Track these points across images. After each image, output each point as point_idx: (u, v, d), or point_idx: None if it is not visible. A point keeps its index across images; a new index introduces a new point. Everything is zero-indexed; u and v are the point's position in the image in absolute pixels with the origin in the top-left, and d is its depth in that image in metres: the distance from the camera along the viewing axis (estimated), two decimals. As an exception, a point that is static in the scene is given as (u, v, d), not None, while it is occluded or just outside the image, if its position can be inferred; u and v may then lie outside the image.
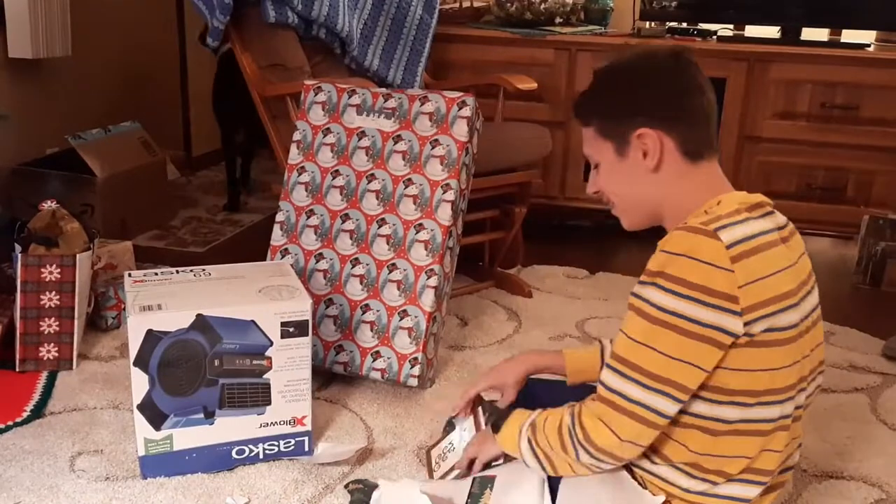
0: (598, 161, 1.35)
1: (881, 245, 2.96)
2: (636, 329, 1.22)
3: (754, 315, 1.18)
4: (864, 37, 3.27)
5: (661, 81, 1.29)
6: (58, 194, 2.55)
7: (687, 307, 1.17)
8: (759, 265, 1.20)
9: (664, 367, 1.19)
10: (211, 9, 2.67)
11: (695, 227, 1.20)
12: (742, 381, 1.22)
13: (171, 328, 1.59)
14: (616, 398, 1.22)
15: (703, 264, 1.17)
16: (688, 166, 1.29)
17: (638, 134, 1.28)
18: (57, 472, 1.69)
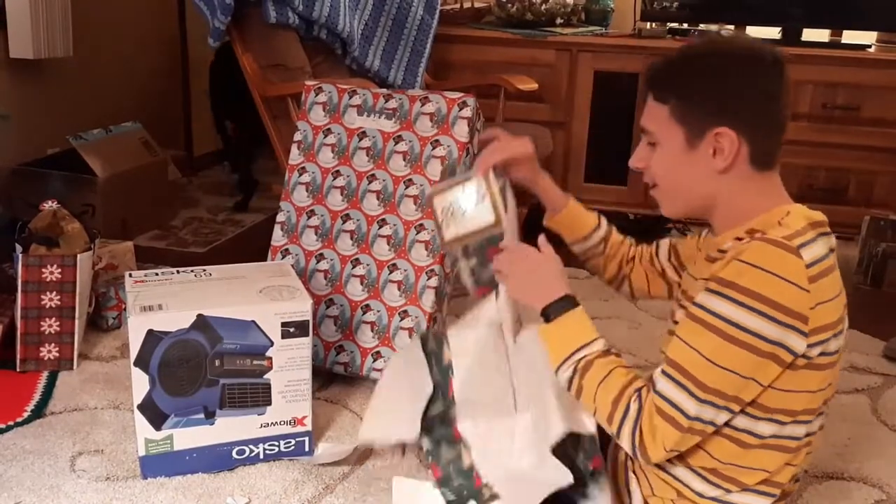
0: (659, 142, 1.27)
1: (882, 246, 2.96)
2: (703, 344, 1.17)
3: (816, 338, 1.17)
4: (864, 38, 3.27)
5: (758, 84, 1.22)
6: (59, 194, 2.55)
7: (758, 323, 1.14)
8: (825, 288, 1.18)
9: (729, 384, 1.17)
10: (212, 9, 2.67)
11: (778, 241, 1.16)
12: (782, 400, 1.22)
13: (171, 328, 1.59)
14: (676, 414, 1.17)
15: (782, 281, 1.14)
16: (752, 173, 1.24)
17: (717, 132, 1.21)
18: (57, 471, 1.69)
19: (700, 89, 1.23)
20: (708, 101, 1.22)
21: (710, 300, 1.17)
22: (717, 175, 1.24)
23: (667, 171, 1.28)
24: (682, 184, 1.28)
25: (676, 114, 1.24)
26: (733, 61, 1.23)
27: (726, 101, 1.22)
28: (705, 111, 1.22)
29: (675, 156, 1.26)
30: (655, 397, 1.19)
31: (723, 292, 1.16)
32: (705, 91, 1.23)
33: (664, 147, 1.27)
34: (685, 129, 1.24)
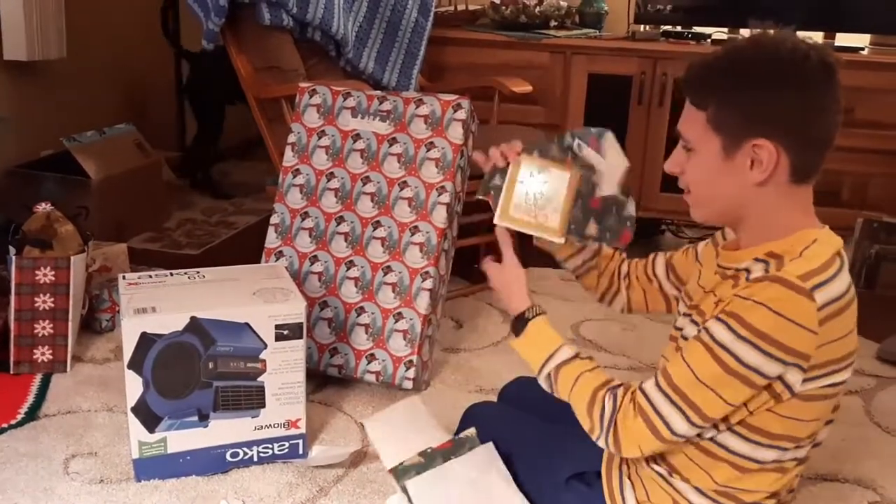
0: (695, 148, 1.22)
1: (875, 248, 2.97)
2: (704, 370, 1.17)
3: (814, 374, 1.17)
4: (858, 40, 3.28)
5: (804, 93, 1.15)
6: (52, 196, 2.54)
7: (760, 360, 1.14)
8: (836, 327, 1.17)
9: (720, 409, 1.18)
10: (206, 11, 2.66)
11: (792, 284, 1.12)
12: (788, 427, 1.22)
13: (165, 331, 1.58)
14: (661, 426, 1.19)
15: (791, 324, 1.12)
16: (790, 187, 1.19)
17: (756, 143, 1.15)
18: (51, 474, 1.68)
19: (740, 97, 1.17)
20: (747, 110, 1.16)
21: (720, 331, 1.16)
22: (753, 187, 1.19)
23: (701, 179, 1.24)
24: (716, 193, 1.23)
25: (714, 121, 1.18)
26: (777, 68, 1.15)
27: (767, 112, 1.15)
28: (744, 121, 1.16)
29: (710, 164, 1.21)
30: (641, 399, 1.21)
31: (732, 325, 1.15)
32: (745, 100, 1.16)
33: (700, 154, 1.22)
34: (722, 138, 1.18)
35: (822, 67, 1.15)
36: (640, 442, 1.21)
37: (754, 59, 1.18)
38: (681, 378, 1.19)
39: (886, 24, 3.20)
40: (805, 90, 1.15)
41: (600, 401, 1.24)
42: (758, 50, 1.19)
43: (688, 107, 1.22)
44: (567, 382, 1.29)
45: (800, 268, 1.14)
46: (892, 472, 1.82)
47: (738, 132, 1.17)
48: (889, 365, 2.34)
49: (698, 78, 1.21)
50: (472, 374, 2.18)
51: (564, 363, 1.30)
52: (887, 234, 2.97)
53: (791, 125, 1.16)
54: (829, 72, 1.15)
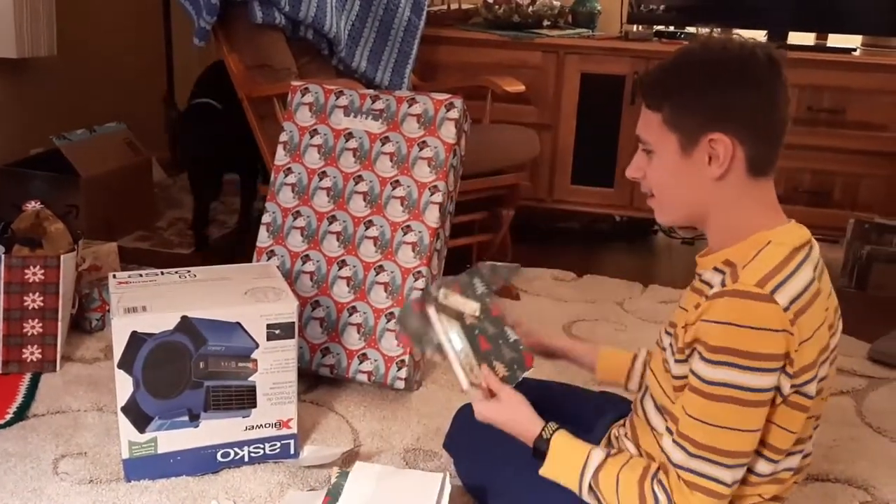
0: (654, 150, 1.25)
1: (867, 248, 2.98)
2: (714, 415, 1.16)
3: (802, 378, 1.17)
4: (850, 41, 3.29)
5: (753, 85, 1.18)
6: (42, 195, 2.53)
7: (753, 378, 1.14)
8: (809, 322, 1.17)
9: (749, 442, 1.18)
10: (198, 9, 2.65)
11: (747, 293, 1.13)
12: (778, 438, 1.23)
13: (155, 330, 1.57)
14: (714, 486, 1.18)
15: (764, 332, 1.12)
16: (749, 181, 1.21)
17: (711, 138, 1.18)
18: (40, 474, 1.67)
19: (692, 95, 1.20)
20: (701, 106, 1.20)
21: (704, 369, 1.16)
22: (713, 183, 1.21)
23: (663, 180, 1.26)
24: (678, 192, 1.25)
25: (670, 121, 1.22)
26: (726, 65, 1.19)
27: (719, 107, 1.19)
28: (698, 117, 1.20)
29: (670, 164, 1.23)
30: (683, 474, 1.19)
31: (712, 359, 1.15)
32: (698, 97, 1.20)
33: (659, 155, 1.24)
34: (679, 136, 1.21)
35: (769, 63, 1.19)
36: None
37: (704, 59, 1.22)
38: (702, 435, 1.18)
39: (878, 26, 3.22)
40: (754, 85, 1.18)
41: (650, 493, 1.21)
42: (706, 51, 1.23)
43: (644, 111, 1.26)
44: (610, 489, 1.25)
45: (754, 274, 1.15)
46: (883, 472, 1.82)
47: (694, 129, 1.20)
48: (880, 365, 2.35)
49: (652, 82, 1.25)
50: (465, 373, 2.17)
51: (600, 468, 1.26)
52: (878, 235, 2.99)
53: (744, 118, 1.19)
54: (775, 67, 1.19)
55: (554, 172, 3.29)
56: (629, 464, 1.26)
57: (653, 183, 1.27)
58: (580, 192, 3.29)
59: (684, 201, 1.26)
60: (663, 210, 1.29)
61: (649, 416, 1.34)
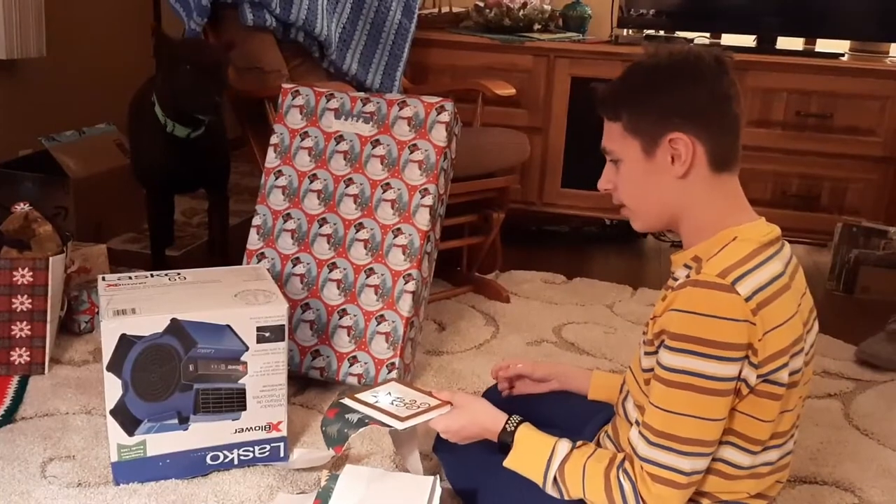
0: (619, 158, 1.29)
1: (854, 252, 2.99)
2: (674, 402, 1.19)
3: (768, 367, 1.18)
4: (838, 46, 3.31)
5: (703, 84, 1.23)
6: (31, 196, 2.52)
7: (713, 367, 1.15)
8: (774, 313, 1.18)
9: (708, 431, 1.19)
10: (188, 11, 2.65)
11: (709, 282, 1.16)
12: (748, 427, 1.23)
13: (145, 332, 1.57)
14: (672, 475, 1.19)
15: (721, 320, 1.15)
16: (713, 176, 1.25)
17: (671, 138, 1.23)
18: (28, 477, 1.66)
19: (647, 100, 1.25)
20: (657, 109, 1.24)
21: (667, 357, 1.19)
22: (679, 182, 1.25)
23: (631, 186, 1.30)
24: (648, 196, 1.29)
25: (629, 128, 1.26)
26: (676, 68, 1.25)
27: (675, 107, 1.23)
28: (656, 119, 1.24)
29: (636, 169, 1.28)
30: (646, 465, 1.21)
31: (673, 346, 1.18)
32: (653, 100, 1.25)
33: (625, 163, 1.29)
34: (640, 141, 1.26)
35: (716, 62, 1.23)
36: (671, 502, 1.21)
37: (654, 65, 1.27)
38: (661, 422, 1.20)
39: (866, 31, 3.24)
40: (705, 83, 1.23)
41: (615, 481, 1.23)
42: (655, 58, 1.28)
43: (606, 124, 1.31)
44: (576, 478, 1.26)
45: (717, 266, 1.18)
46: (870, 474, 1.83)
47: (653, 131, 1.24)
48: (867, 368, 2.36)
49: (607, 94, 1.30)
50: (455, 376, 2.17)
51: (566, 459, 1.28)
52: (866, 239, 3.01)
53: (699, 115, 1.23)
54: (722, 66, 1.24)
55: (544, 176, 3.30)
56: (595, 455, 1.28)
57: (623, 192, 1.31)
58: (570, 196, 3.30)
59: (655, 204, 1.30)
60: (637, 217, 1.33)
61: (629, 414, 1.36)
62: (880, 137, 3.04)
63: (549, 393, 1.66)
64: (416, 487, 1.46)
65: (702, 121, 1.23)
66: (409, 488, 1.47)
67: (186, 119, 2.43)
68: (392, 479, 1.51)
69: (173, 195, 2.99)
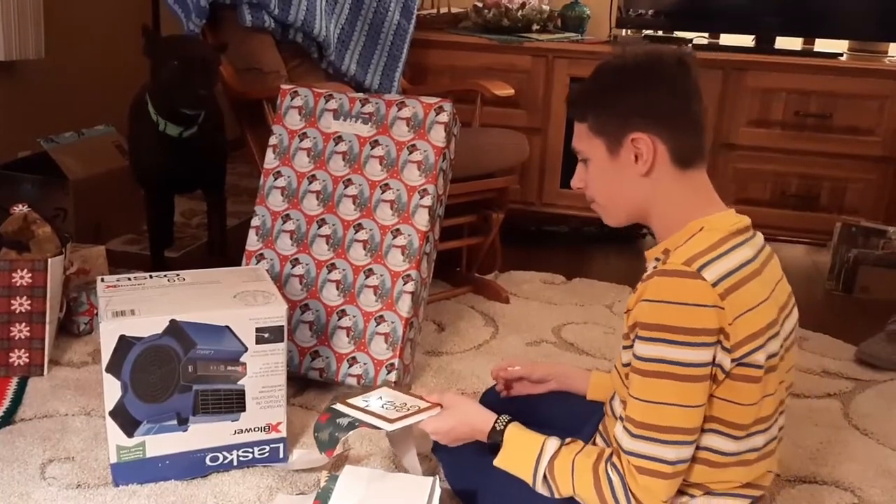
0: (587, 157, 1.33)
1: (853, 252, 2.99)
2: (651, 392, 1.20)
3: (742, 350, 1.19)
4: (837, 46, 3.32)
5: (663, 85, 1.27)
6: (30, 198, 2.52)
7: (686, 353, 1.17)
8: (744, 298, 1.20)
9: (688, 419, 1.20)
10: (187, 12, 2.65)
11: (675, 271, 1.19)
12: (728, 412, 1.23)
13: (144, 334, 1.57)
14: (657, 466, 1.20)
15: (691, 307, 1.17)
16: (678, 173, 1.28)
17: (632, 138, 1.26)
18: (27, 479, 1.66)
19: (610, 101, 1.29)
20: (618, 110, 1.28)
21: (640, 348, 1.21)
22: (643, 179, 1.28)
23: (599, 184, 1.34)
24: (615, 193, 1.33)
25: (594, 128, 1.30)
26: (637, 69, 1.29)
27: (635, 107, 1.26)
28: (618, 120, 1.27)
29: (602, 168, 1.31)
30: (631, 458, 1.22)
31: (644, 335, 1.20)
32: (615, 102, 1.28)
33: (593, 162, 1.33)
34: (605, 141, 1.29)
35: (677, 63, 1.27)
36: (658, 495, 1.21)
37: (616, 67, 1.31)
38: (641, 413, 1.21)
39: (864, 31, 3.24)
40: (664, 82, 1.26)
41: (604, 475, 1.24)
42: (619, 59, 1.32)
43: (575, 125, 1.34)
44: (565, 474, 1.27)
45: (683, 255, 1.21)
46: (870, 474, 1.83)
47: (615, 131, 1.28)
48: (867, 367, 2.36)
49: (576, 96, 1.35)
50: (454, 377, 2.17)
51: (555, 456, 1.29)
52: (865, 239, 3.01)
53: (659, 115, 1.26)
54: (683, 66, 1.27)
55: (543, 176, 3.30)
56: (584, 450, 1.29)
57: (592, 190, 1.35)
58: (569, 196, 3.29)
59: (622, 200, 1.33)
60: (608, 213, 1.37)
61: (615, 411, 1.37)
62: (879, 137, 3.04)
63: (549, 393, 1.67)
64: (415, 488, 1.46)
65: (662, 120, 1.26)
66: (409, 489, 1.46)
67: (178, 117, 2.44)
68: (391, 480, 1.51)
69: (172, 196, 3.02)
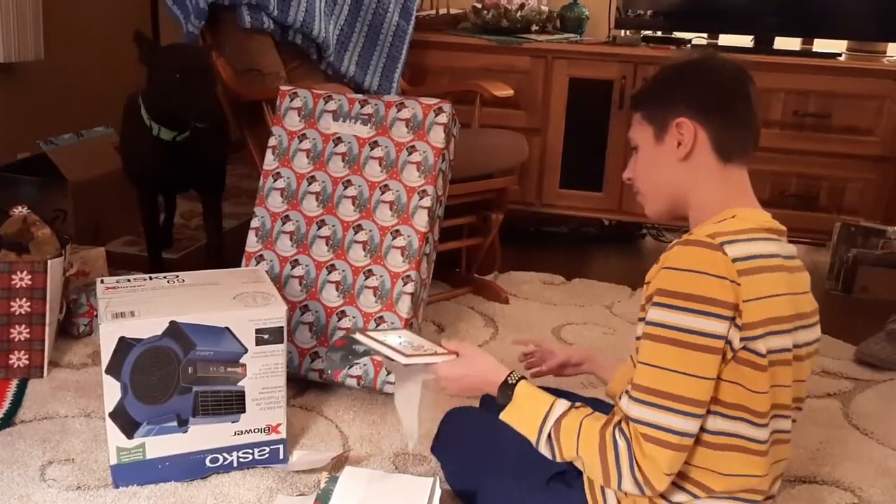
0: (637, 144, 1.39)
1: (852, 252, 3.00)
2: (662, 358, 1.20)
3: (753, 332, 1.20)
4: (835, 46, 3.32)
5: (714, 82, 1.33)
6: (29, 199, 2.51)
7: (698, 321, 1.18)
8: (760, 285, 1.21)
9: (699, 389, 1.19)
10: (186, 13, 2.65)
11: (697, 241, 1.21)
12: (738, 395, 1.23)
13: (144, 335, 1.57)
14: (663, 435, 1.18)
15: (705, 275, 1.18)
16: (717, 164, 1.32)
17: (677, 122, 1.31)
18: (27, 481, 1.66)
19: (663, 90, 1.36)
20: (668, 98, 1.34)
21: (654, 313, 1.22)
22: (682, 164, 1.32)
23: (644, 173, 1.39)
24: (657, 179, 1.37)
25: (646, 115, 1.37)
26: (694, 65, 1.37)
27: (683, 97, 1.32)
28: (666, 107, 1.33)
29: (648, 153, 1.37)
30: (637, 426, 1.20)
31: (660, 301, 1.21)
32: (667, 91, 1.36)
33: (641, 148, 1.39)
34: (653, 127, 1.36)
35: (734, 67, 1.35)
36: (662, 466, 1.19)
37: (677, 63, 1.39)
38: (648, 379, 1.20)
39: (863, 31, 3.24)
40: (717, 80, 1.33)
41: (610, 439, 1.21)
42: (678, 59, 1.41)
43: (633, 116, 1.42)
44: (571, 434, 1.25)
45: (708, 230, 1.24)
46: (870, 474, 1.83)
47: (663, 116, 1.34)
48: (867, 367, 2.37)
49: (639, 92, 1.43)
50: (454, 378, 2.17)
51: (563, 416, 1.27)
52: (864, 238, 3.01)
53: (705, 107, 1.31)
54: (738, 67, 1.35)
55: (543, 176, 3.30)
56: (593, 414, 1.27)
57: (637, 176, 1.41)
58: (569, 196, 3.30)
59: (662, 187, 1.37)
60: (648, 201, 1.41)
61: None
62: (878, 137, 3.04)
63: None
64: (415, 489, 1.46)
65: (708, 111, 1.31)
66: (409, 490, 1.47)
67: (172, 123, 2.44)
68: (391, 481, 1.52)
69: (173, 196, 3.02)
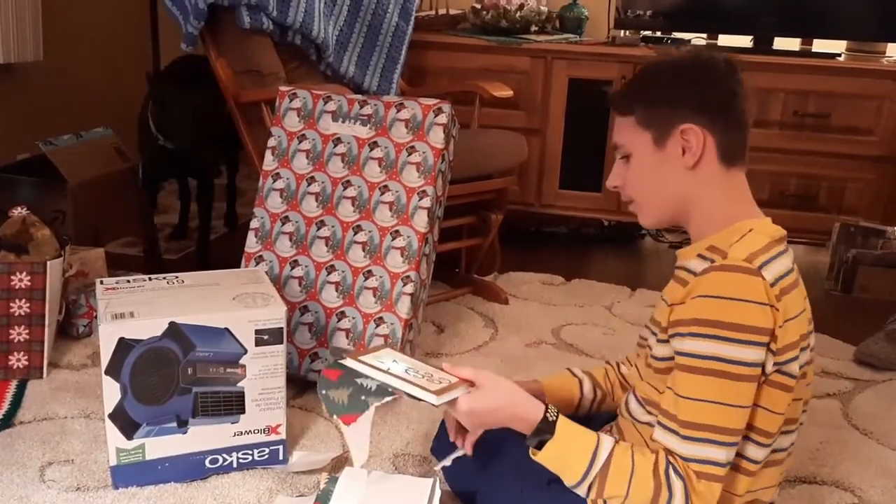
0: (630, 152, 1.31)
1: (852, 252, 3.00)
2: (703, 391, 1.16)
3: (783, 357, 1.19)
4: (835, 46, 3.32)
5: (713, 81, 1.27)
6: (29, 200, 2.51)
7: (739, 351, 1.15)
8: (789, 305, 1.20)
9: (739, 419, 1.18)
10: (185, 14, 2.65)
11: (735, 267, 1.17)
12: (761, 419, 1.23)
13: (143, 336, 1.57)
14: (712, 469, 1.17)
15: (747, 304, 1.15)
16: (722, 170, 1.27)
17: (682, 129, 1.25)
18: (27, 482, 1.66)
19: (662, 93, 1.28)
20: (670, 101, 1.27)
21: (690, 344, 1.17)
22: (688, 173, 1.26)
23: (641, 179, 1.31)
24: (657, 188, 1.30)
25: (642, 120, 1.28)
26: (689, 64, 1.30)
27: (685, 100, 1.26)
28: (669, 111, 1.26)
29: (646, 160, 1.29)
30: (691, 464, 1.18)
31: (699, 332, 1.16)
32: (667, 94, 1.28)
33: (636, 155, 1.30)
34: (652, 132, 1.28)
35: (726, 63, 1.28)
36: (711, 500, 1.17)
37: (667, 63, 1.32)
38: (695, 414, 1.17)
39: (862, 31, 3.25)
40: (715, 79, 1.27)
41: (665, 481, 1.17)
42: (668, 57, 1.33)
43: (617, 119, 1.33)
44: (622, 474, 1.19)
45: (743, 251, 1.19)
46: (870, 474, 1.83)
47: (666, 122, 1.26)
48: (866, 367, 2.37)
49: (622, 91, 1.35)
50: (454, 378, 2.17)
51: (612, 454, 1.20)
52: (864, 238, 3.01)
53: (711, 109, 1.26)
54: (732, 67, 1.28)
55: (542, 177, 3.31)
56: (639, 449, 1.22)
57: (632, 186, 1.32)
58: (568, 197, 3.30)
59: (664, 197, 1.30)
60: (645, 211, 1.33)
61: (635, 414, 1.35)
62: (877, 137, 3.05)
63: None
64: (415, 489, 1.46)
65: (715, 113, 1.25)
66: (409, 490, 1.47)
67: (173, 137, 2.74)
68: (391, 482, 1.51)
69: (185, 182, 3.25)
